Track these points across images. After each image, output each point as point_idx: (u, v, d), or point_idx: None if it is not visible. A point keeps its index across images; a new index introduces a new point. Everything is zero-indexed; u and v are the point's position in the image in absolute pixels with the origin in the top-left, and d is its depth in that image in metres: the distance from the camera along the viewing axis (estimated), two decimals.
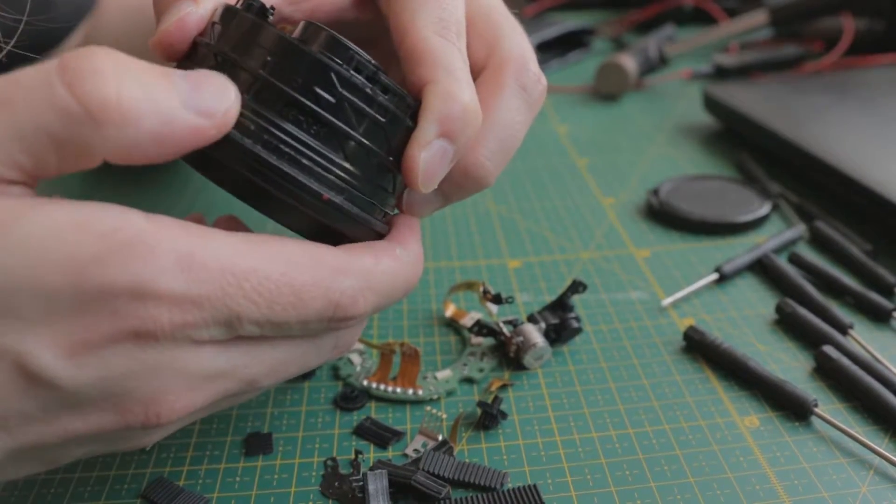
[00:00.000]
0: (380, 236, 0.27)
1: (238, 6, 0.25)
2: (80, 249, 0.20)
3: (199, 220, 0.32)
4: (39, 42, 0.46)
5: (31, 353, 0.20)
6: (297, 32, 0.25)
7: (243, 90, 0.23)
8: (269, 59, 0.23)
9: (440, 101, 0.25)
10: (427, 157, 0.25)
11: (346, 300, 0.24)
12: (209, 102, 0.22)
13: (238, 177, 0.23)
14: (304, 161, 0.23)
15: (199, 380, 0.22)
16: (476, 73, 0.30)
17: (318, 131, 0.24)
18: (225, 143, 0.23)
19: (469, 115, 0.26)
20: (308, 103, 0.23)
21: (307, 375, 0.35)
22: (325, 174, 0.24)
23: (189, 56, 0.25)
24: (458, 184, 0.28)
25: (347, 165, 0.24)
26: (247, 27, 0.24)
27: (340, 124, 0.24)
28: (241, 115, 0.23)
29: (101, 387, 0.21)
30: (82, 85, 0.20)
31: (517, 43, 0.30)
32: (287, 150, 0.23)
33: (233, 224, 0.32)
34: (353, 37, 0.26)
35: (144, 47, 0.26)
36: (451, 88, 0.25)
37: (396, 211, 0.28)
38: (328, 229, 0.25)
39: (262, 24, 0.24)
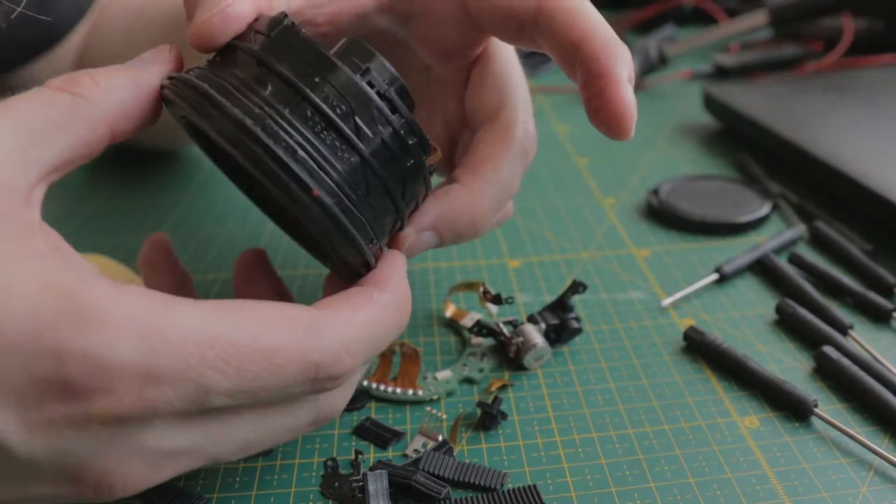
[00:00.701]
0: (367, 268, 0.26)
1: (284, 20, 0.25)
2: (41, 308, 0.19)
3: (164, 242, 0.33)
4: (38, 38, 0.46)
5: None
6: (341, 47, 0.26)
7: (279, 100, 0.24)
8: (316, 79, 0.24)
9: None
10: (421, 238, 0.28)
11: (328, 360, 0.22)
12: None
13: (227, 147, 0.23)
14: (301, 152, 0.23)
15: (157, 458, 0.21)
16: (482, 119, 0.32)
17: (326, 136, 0.24)
18: (224, 116, 0.23)
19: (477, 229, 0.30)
20: (328, 111, 0.24)
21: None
22: (320, 171, 0.23)
23: (225, 58, 0.25)
24: (458, 232, 0.30)
25: (346, 174, 0.24)
26: (295, 42, 0.24)
27: (350, 133, 0.24)
28: (261, 109, 0.23)
29: (54, 458, 0.20)
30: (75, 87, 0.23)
31: (524, 99, 0.32)
32: (285, 136, 0.23)
33: (258, 257, 0.33)
34: (371, 43, 0.26)
35: (145, 47, 0.26)
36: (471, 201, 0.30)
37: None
38: (322, 248, 0.25)
39: (313, 43, 0.24)
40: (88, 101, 0.23)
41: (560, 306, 0.36)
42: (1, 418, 0.19)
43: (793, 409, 0.32)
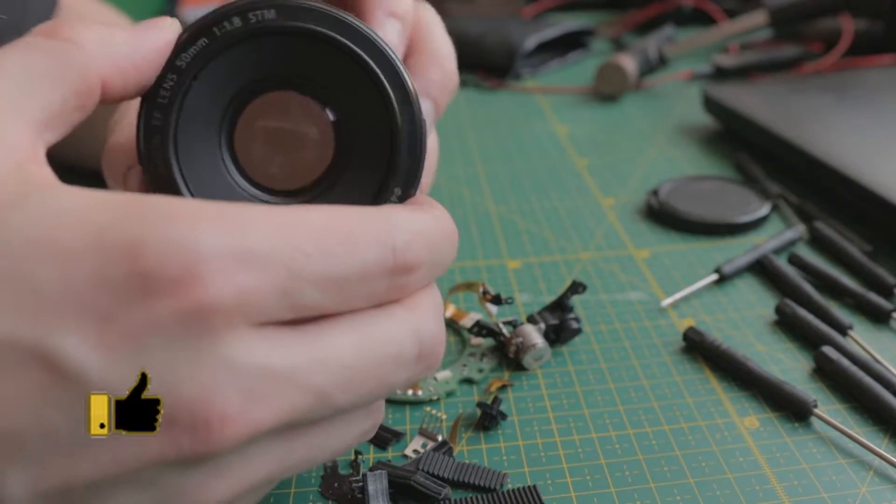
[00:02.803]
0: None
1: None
2: (102, 212, 0.17)
3: None
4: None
5: (53, 341, 0.16)
6: None
7: None
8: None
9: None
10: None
11: (402, 244, 0.21)
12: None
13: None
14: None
15: (256, 381, 0.18)
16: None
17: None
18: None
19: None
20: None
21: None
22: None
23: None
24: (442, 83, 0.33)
25: None
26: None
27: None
28: None
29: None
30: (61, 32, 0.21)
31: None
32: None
33: None
34: None
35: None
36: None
37: None
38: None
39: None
40: (79, 47, 0.21)
41: (559, 307, 0.36)
42: (70, 342, 0.16)
43: (792, 410, 0.32)
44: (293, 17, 0.23)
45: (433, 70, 0.33)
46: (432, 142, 0.32)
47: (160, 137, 0.23)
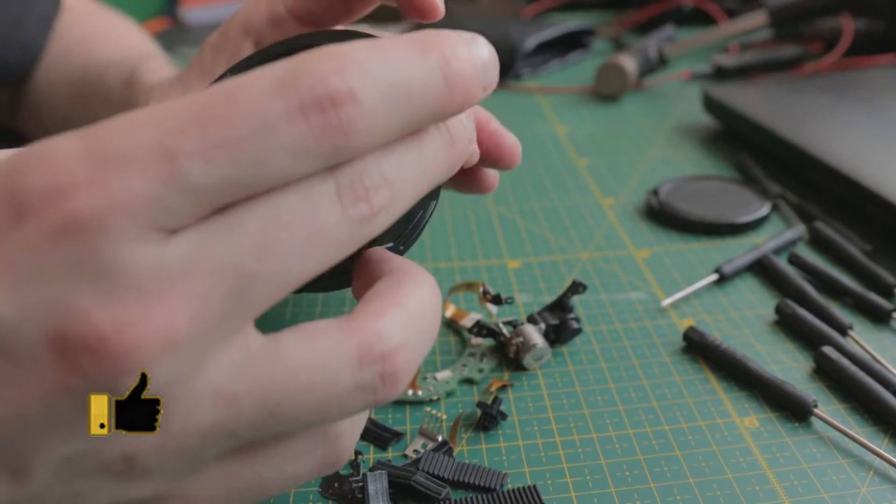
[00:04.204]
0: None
1: None
2: None
3: None
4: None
5: None
6: None
7: None
8: None
9: None
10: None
11: (314, 77, 0.16)
12: None
13: None
14: None
15: (153, 281, 0.15)
16: None
17: None
18: None
19: None
20: None
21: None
22: None
23: None
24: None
25: None
26: None
27: None
28: None
29: (28, 317, 0.15)
30: None
31: None
32: None
33: None
34: None
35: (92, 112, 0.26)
36: None
37: None
38: None
39: None
40: None
41: (560, 307, 0.36)
42: None
43: (792, 410, 0.32)
44: None
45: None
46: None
47: None
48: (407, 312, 0.19)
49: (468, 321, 0.38)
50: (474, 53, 0.19)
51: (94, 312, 0.15)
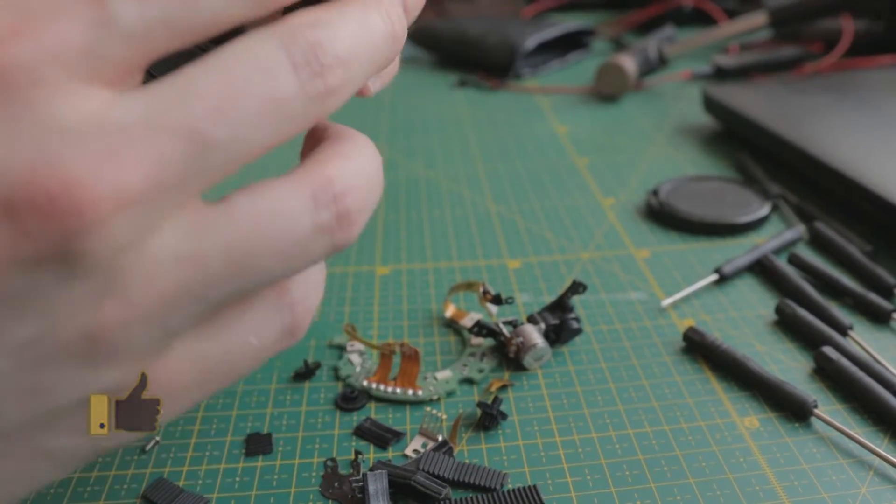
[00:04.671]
0: None
1: None
2: None
3: None
4: None
5: None
6: None
7: None
8: None
9: None
10: None
11: None
12: None
13: None
14: None
15: (103, 137, 0.15)
16: None
17: None
18: None
19: None
20: None
21: (306, 376, 0.35)
22: None
23: None
24: None
25: None
26: None
27: None
28: None
29: None
30: None
31: None
32: None
33: None
34: None
35: None
36: None
37: None
38: None
39: None
40: None
41: (560, 306, 0.36)
42: None
43: (792, 410, 0.32)
44: None
45: None
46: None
47: None
48: (353, 162, 0.20)
49: (468, 321, 0.38)
50: None
51: (39, 170, 0.14)
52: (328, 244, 0.19)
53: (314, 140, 0.22)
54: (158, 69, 0.18)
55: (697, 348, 0.36)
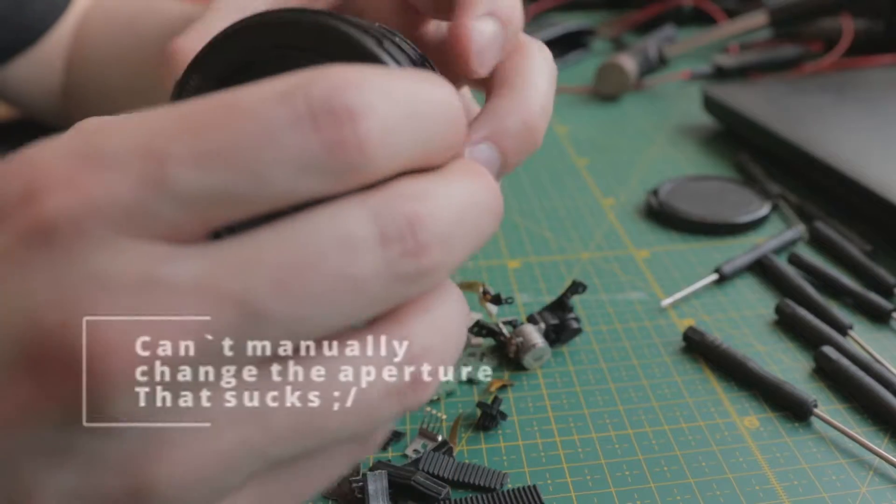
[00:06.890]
0: None
1: None
2: None
3: None
4: (16, 38, 0.48)
5: None
6: None
7: None
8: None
9: None
10: (480, 26, 0.22)
11: (322, 88, 0.15)
12: None
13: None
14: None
15: (146, 294, 0.14)
16: None
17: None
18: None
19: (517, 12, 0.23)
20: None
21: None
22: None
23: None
24: (513, 135, 0.22)
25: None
26: None
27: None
28: None
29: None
30: None
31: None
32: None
33: None
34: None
35: (137, 60, 0.24)
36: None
37: None
38: None
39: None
40: None
41: (560, 306, 0.36)
42: None
43: (792, 410, 0.32)
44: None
45: (513, 116, 0.23)
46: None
47: None
48: (435, 320, 0.17)
49: (468, 321, 0.38)
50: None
51: (68, 322, 0.14)
52: (397, 407, 0.17)
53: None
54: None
55: (697, 348, 0.36)
